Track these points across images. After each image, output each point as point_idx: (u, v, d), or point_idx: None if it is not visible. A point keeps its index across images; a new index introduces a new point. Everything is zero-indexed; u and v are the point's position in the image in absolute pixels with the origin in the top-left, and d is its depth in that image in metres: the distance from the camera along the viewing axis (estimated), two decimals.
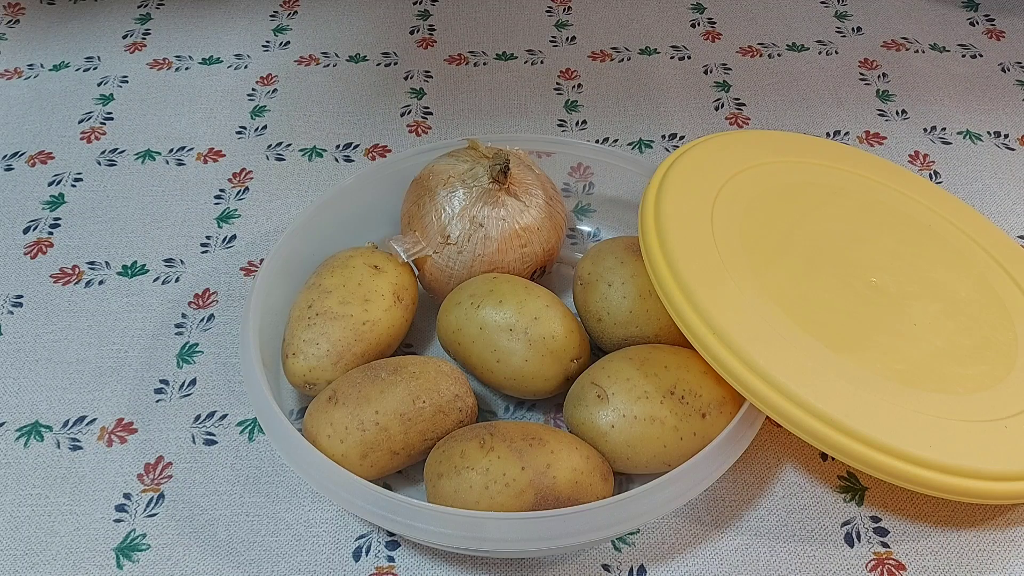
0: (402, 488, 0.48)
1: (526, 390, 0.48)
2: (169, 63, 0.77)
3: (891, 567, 0.45)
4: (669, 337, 0.49)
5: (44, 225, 0.63)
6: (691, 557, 0.45)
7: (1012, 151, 0.68)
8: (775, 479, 0.49)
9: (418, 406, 0.45)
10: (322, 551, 0.46)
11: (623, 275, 0.50)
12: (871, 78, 0.75)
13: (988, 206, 0.64)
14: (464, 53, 0.78)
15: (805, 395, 0.42)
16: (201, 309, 0.57)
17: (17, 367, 0.54)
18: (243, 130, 0.70)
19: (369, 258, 0.51)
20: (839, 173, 0.56)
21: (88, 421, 0.51)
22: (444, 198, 0.52)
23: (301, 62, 0.77)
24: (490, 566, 0.45)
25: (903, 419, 0.42)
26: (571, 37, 0.79)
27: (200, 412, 0.52)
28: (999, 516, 0.47)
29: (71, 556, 0.45)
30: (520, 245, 0.52)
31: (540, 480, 0.42)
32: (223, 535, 0.46)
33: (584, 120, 0.71)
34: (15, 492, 0.48)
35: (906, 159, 0.68)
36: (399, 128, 0.70)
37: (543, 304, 0.48)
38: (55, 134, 0.70)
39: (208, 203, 0.64)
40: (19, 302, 0.58)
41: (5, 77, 0.75)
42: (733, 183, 0.52)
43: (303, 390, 0.49)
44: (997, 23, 0.81)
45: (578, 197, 0.61)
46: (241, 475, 0.49)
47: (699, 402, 0.45)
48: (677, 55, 0.77)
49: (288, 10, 0.83)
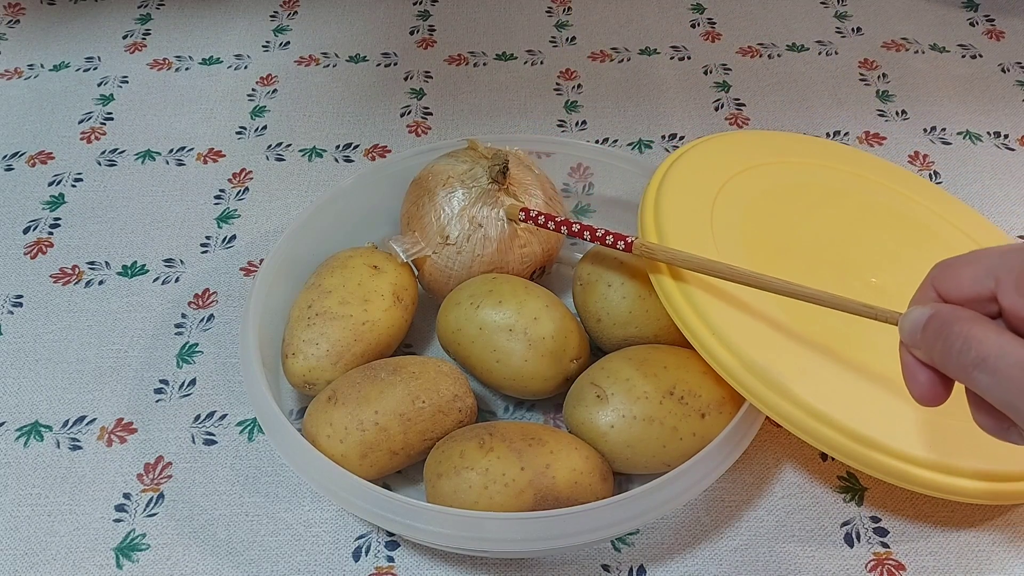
0: (402, 488, 0.48)
1: (526, 390, 0.48)
2: (169, 63, 0.77)
3: (891, 567, 0.45)
4: (669, 337, 0.49)
5: (44, 225, 0.63)
6: (691, 557, 0.45)
7: (1012, 151, 0.68)
8: (775, 479, 0.49)
9: (418, 406, 0.45)
10: (322, 551, 0.46)
11: (623, 276, 0.50)
12: (871, 78, 0.75)
13: (988, 206, 0.64)
14: (464, 53, 0.78)
15: (805, 395, 0.42)
16: (201, 309, 0.57)
17: (17, 367, 0.54)
18: (243, 130, 0.70)
19: (369, 258, 0.51)
20: (839, 173, 0.56)
21: (88, 421, 0.51)
22: (443, 198, 0.52)
23: (301, 62, 0.77)
24: (490, 566, 0.45)
25: (903, 419, 0.42)
26: (571, 37, 0.79)
27: (200, 412, 0.52)
28: (999, 516, 0.47)
29: (71, 556, 0.45)
30: (519, 245, 0.52)
31: (540, 480, 0.42)
32: (223, 535, 0.46)
33: (584, 120, 0.71)
34: (15, 492, 0.48)
35: (906, 159, 0.68)
36: (399, 128, 0.70)
37: (543, 304, 0.48)
38: (55, 134, 0.70)
39: (208, 203, 0.64)
40: (19, 302, 0.58)
41: (5, 77, 0.75)
42: (733, 183, 0.52)
43: (303, 390, 0.49)
44: (997, 23, 0.81)
45: (578, 197, 0.61)
46: (241, 475, 0.49)
47: (699, 402, 0.45)
48: (677, 55, 0.77)
49: (288, 10, 0.83)
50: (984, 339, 0.32)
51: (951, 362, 0.33)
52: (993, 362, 0.31)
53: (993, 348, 0.31)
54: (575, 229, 0.49)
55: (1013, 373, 0.31)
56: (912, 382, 0.35)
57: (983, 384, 0.32)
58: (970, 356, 0.32)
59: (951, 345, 0.32)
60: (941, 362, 0.33)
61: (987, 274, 0.33)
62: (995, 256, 0.33)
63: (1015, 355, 0.31)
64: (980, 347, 0.32)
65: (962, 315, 0.33)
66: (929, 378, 0.35)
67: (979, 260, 0.34)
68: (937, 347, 0.33)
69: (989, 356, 0.31)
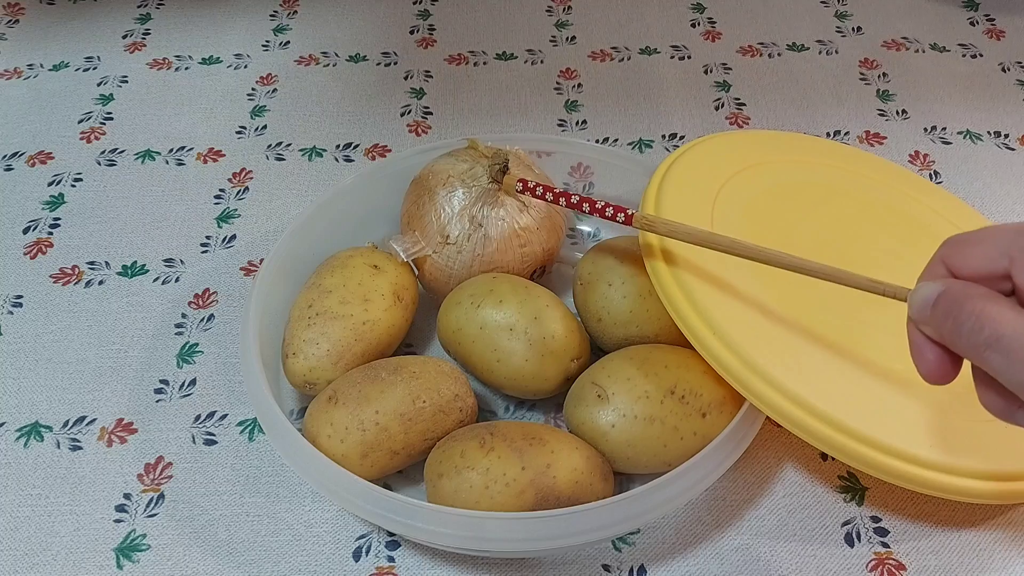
0: (402, 488, 0.48)
1: (526, 390, 0.48)
2: (169, 63, 0.77)
3: (891, 567, 0.45)
4: (669, 337, 0.49)
5: (44, 225, 0.63)
6: (691, 557, 0.45)
7: (1012, 151, 0.68)
8: (775, 479, 0.49)
9: (418, 406, 0.45)
10: (322, 551, 0.46)
11: (623, 275, 0.50)
12: (871, 78, 0.75)
13: (988, 206, 0.64)
14: (464, 53, 0.78)
15: (805, 395, 0.42)
16: (201, 309, 0.57)
17: (17, 367, 0.54)
18: (243, 130, 0.70)
19: (369, 258, 0.51)
20: (839, 172, 0.56)
21: (88, 421, 0.51)
22: (444, 198, 0.52)
23: (301, 62, 0.77)
24: (490, 566, 0.45)
25: (903, 419, 0.42)
26: (571, 37, 0.79)
27: (200, 412, 0.52)
28: (999, 516, 0.47)
29: (71, 556, 0.45)
30: (519, 245, 0.52)
31: (540, 480, 0.42)
32: (223, 535, 0.46)
33: (584, 120, 0.71)
34: (15, 492, 0.48)
35: (906, 159, 0.68)
36: (399, 128, 0.70)
37: (543, 304, 0.48)
38: (55, 134, 0.70)
39: (208, 203, 0.64)
40: (19, 302, 0.57)
41: (5, 77, 0.75)
42: (733, 183, 0.52)
43: (303, 390, 0.49)
44: (997, 23, 0.81)
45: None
46: (241, 475, 0.49)
47: (699, 402, 0.45)
48: (677, 55, 0.77)
49: (288, 10, 0.83)
50: (999, 317, 0.30)
51: (962, 340, 0.32)
52: (1007, 342, 0.30)
53: (1008, 327, 0.30)
54: (574, 201, 0.48)
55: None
56: (920, 359, 0.34)
57: (996, 364, 0.30)
58: (983, 335, 0.30)
59: (962, 323, 0.31)
60: (951, 340, 0.32)
61: (1001, 252, 0.32)
62: (1010, 233, 0.32)
63: None
64: (994, 326, 0.30)
65: (974, 292, 0.32)
66: (937, 356, 0.33)
67: (992, 237, 0.33)
68: (948, 325, 0.32)
69: (1004, 335, 0.30)
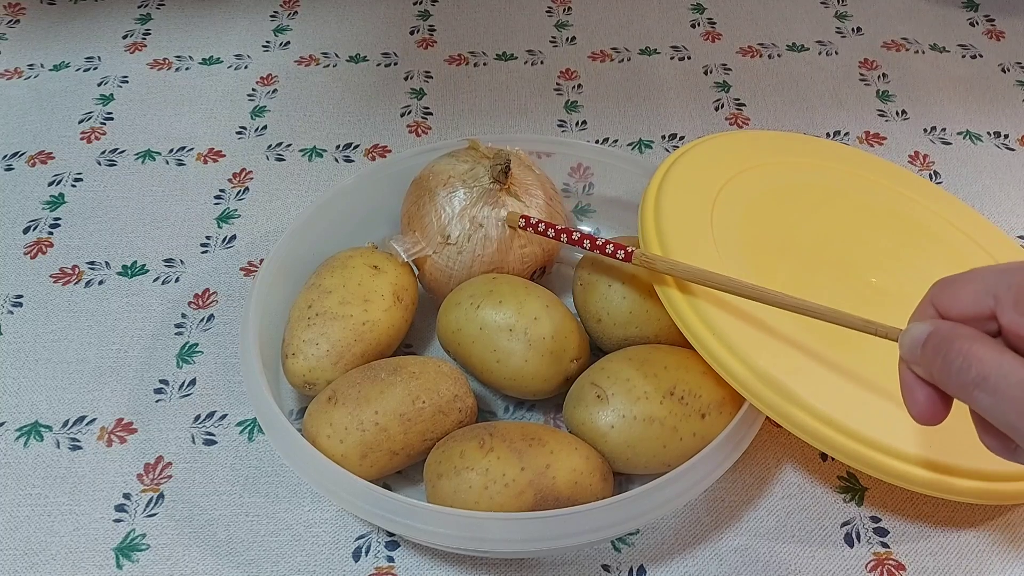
0: (402, 488, 0.48)
1: (526, 390, 0.48)
2: (169, 63, 0.77)
3: (891, 567, 0.45)
4: (669, 337, 0.49)
5: (44, 225, 0.63)
6: (691, 557, 0.45)
7: (1012, 151, 0.68)
8: (775, 479, 0.49)
9: (418, 406, 0.45)
10: (322, 551, 0.46)
11: (623, 275, 0.50)
12: (871, 78, 0.75)
13: (988, 206, 0.64)
14: (464, 53, 0.78)
15: (805, 395, 0.42)
16: (201, 309, 0.57)
17: (17, 367, 0.54)
18: (243, 130, 0.70)
19: (369, 258, 0.51)
20: (839, 173, 0.56)
21: (88, 421, 0.51)
22: (444, 198, 0.52)
23: (301, 62, 0.77)
24: (490, 566, 0.45)
25: (903, 419, 0.42)
26: (571, 37, 0.79)
27: (200, 412, 0.52)
28: (998, 517, 0.47)
29: (71, 556, 0.45)
30: (520, 245, 0.52)
31: (540, 480, 0.42)
32: (223, 535, 0.46)
33: (584, 120, 0.71)
34: (15, 492, 0.48)
35: (906, 159, 0.68)
36: (399, 128, 0.70)
37: (543, 304, 0.48)
38: (55, 134, 0.70)
39: (208, 203, 0.64)
40: (19, 302, 0.58)
41: (5, 77, 0.75)
42: (733, 183, 0.52)
43: (303, 390, 0.49)
44: (997, 23, 0.81)
45: (578, 197, 0.61)
46: (241, 475, 0.49)
47: (699, 402, 0.45)
48: (677, 55, 0.77)
49: (288, 10, 0.83)
50: (984, 358, 0.31)
51: (951, 380, 0.32)
52: (994, 381, 0.30)
53: (993, 367, 0.31)
54: (575, 238, 0.49)
55: (1014, 393, 0.30)
56: (910, 400, 0.35)
57: (983, 404, 0.31)
58: (970, 375, 0.31)
59: (951, 363, 0.32)
60: (941, 380, 0.33)
61: (986, 292, 0.32)
62: (994, 274, 0.33)
63: (1016, 375, 0.30)
64: (980, 366, 0.31)
65: (962, 332, 0.32)
66: (928, 396, 0.34)
67: (978, 278, 0.33)
68: (937, 364, 0.33)
69: (990, 375, 0.31)
